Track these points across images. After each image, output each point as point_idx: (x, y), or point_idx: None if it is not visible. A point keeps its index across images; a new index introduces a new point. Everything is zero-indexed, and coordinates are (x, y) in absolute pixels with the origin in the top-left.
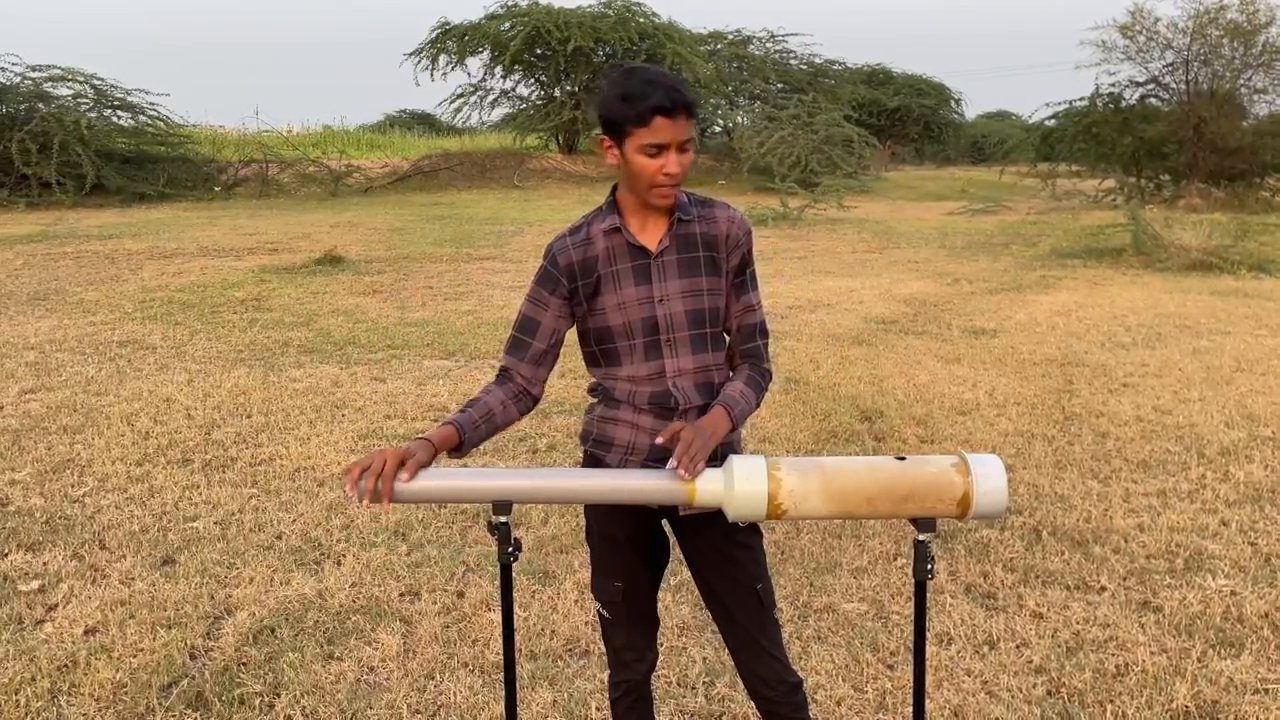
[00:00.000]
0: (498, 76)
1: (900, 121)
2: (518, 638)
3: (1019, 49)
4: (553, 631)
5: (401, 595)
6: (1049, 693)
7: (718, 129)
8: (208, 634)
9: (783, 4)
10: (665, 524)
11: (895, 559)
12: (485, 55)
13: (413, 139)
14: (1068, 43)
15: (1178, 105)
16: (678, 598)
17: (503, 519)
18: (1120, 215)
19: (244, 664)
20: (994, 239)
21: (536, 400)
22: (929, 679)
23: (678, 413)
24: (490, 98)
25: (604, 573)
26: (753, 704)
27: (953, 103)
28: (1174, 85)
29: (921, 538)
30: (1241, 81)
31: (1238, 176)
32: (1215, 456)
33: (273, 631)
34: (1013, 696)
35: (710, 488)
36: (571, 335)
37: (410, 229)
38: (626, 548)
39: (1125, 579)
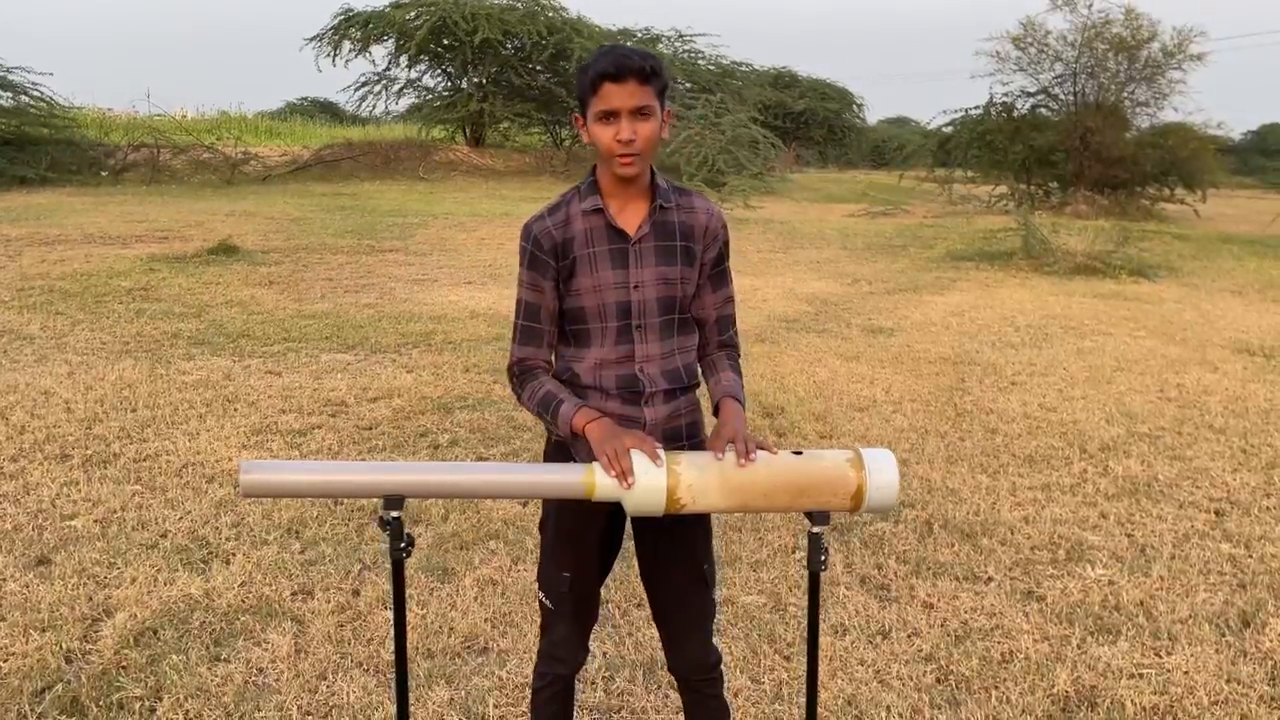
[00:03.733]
0: (403, 66)
1: (805, 124)
2: (415, 636)
3: (919, 57)
4: (451, 629)
5: (294, 594)
6: (938, 680)
7: None
8: (85, 637)
9: (691, 3)
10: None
11: (794, 552)
12: (390, 44)
13: (314, 127)
14: (966, 52)
15: (1066, 116)
16: None
17: (394, 514)
18: (1012, 220)
19: (124, 667)
20: (893, 241)
21: None
22: (823, 669)
23: (644, 397)
24: (396, 87)
25: (555, 563)
26: (651, 696)
27: (855, 107)
28: (1063, 96)
29: (815, 530)
30: (1125, 94)
31: (1120, 185)
32: (1096, 452)
33: (155, 633)
34: (903, 685)
35: (609, 482)
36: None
37: (310, 219)
38: (585, 539)
39: (1011, 569)
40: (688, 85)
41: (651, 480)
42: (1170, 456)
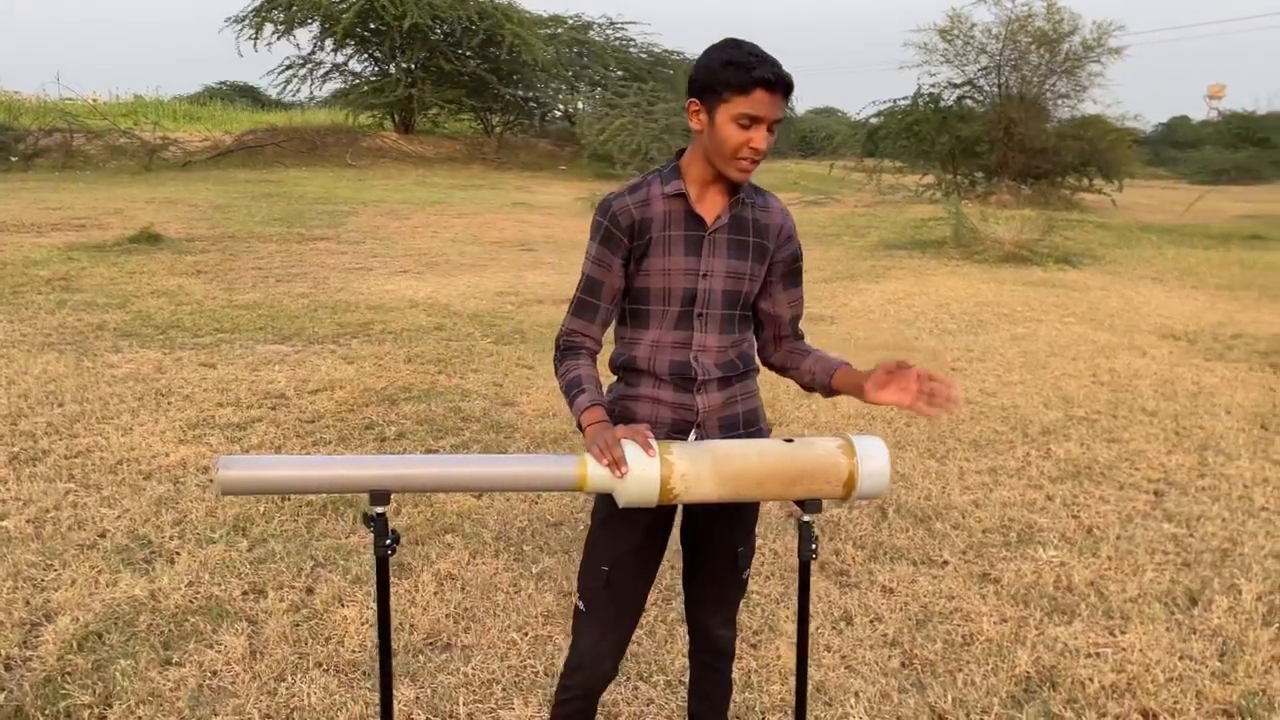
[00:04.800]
0: (328, 50)
1: None
2: (374, 633)
3: (846, 49)
4: (412, 626)
5: (245, 594)
6: (903, 664)
7: (558, 114)
8: (25, 642)
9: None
10: None
11: (761, 538)
12: (315, 27)
13: (235, 112)
14: (892, 45)
15: (990, 107)
16: (540, 585)
17: (380, 510)
18: (941, 209)
19: (69, 673)
20: (826, 230)
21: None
22: (790, 656)
23: (695, 384)
24: (321, 72)
25: (594, 555)
26: (621, 690)
27: None
28: (987, 88)
29: (806, 518)
30: (1047, 86)
31: (1042, 175)
32: (1037, 435)
33: (100, 637)
34: (870, 669)
35: (601, 473)
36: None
37: (235, 207)
38: (630, 529)
39: (965, 553)
40: (620, 73)
41: (644, 471)
42: (1108, 439)
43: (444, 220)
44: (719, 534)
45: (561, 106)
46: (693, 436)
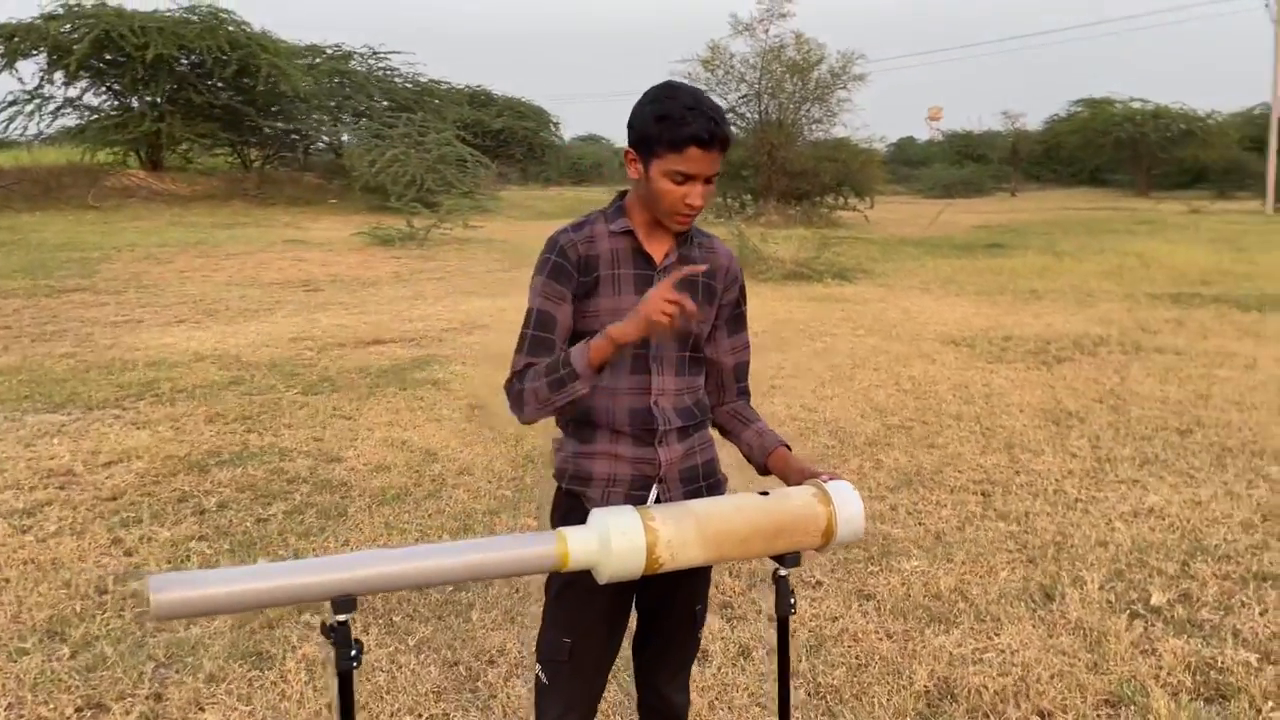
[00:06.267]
0: (59, 83)
1: (505, 142)
2: None
3: (607, 78)
4: None
5: (79, 710)
6: (809, 694)
7: (322, 145)
8: None
9: (382, 20)
10: None
11: None
12: (42, 58)
13: None
14: (651, 73)
15: (752, 133)
16: (421, 658)
17: (343, 618)
18: (726, 231)
19: None
20: None
21: None
22: (699, 700)
23: (657, 435)
24: (51, 107)
25: (555, 626)
26: None
27: (552, 125)
28: (749, 114)
29: (783, 573)
30: (802, 112)
31: (804, 196)
32: (864, 447)
33: None
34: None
35: (583, 548)
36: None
37: None
38: (592, 599)
39: (834, 571)
40: (385, 103)
41: (629, 541)
42: (926, 446)
43: (213, 262)
44: (681, 594)
45: (326, 138)
46: (653, 493)
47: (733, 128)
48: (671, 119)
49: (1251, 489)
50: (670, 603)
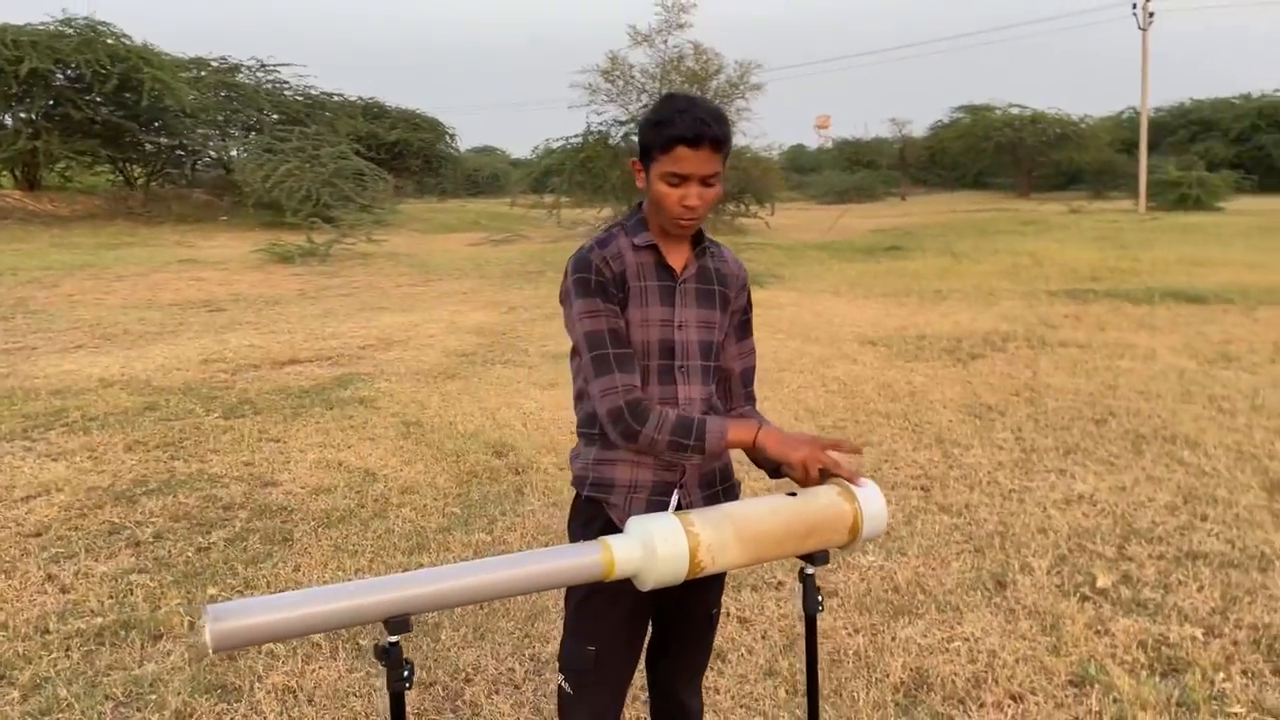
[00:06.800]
0: None
1: (400, 155)
2: None
3: (501, 89)
4: None
5: None
6: (788, 693)
7: (210, 160)
8: None
9: (273, 34)
10: None
11: None
12: None
13: None
14: (549, 84)
15: None
16: None
17: (395, 639)
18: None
19: None
20: (526, 267)
21: None
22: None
23: None
24: None
25: (578, 635)
26: None
27: (448, 137)
28: None
29: (809, 571)
30: None
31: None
32: None
33: None
34: (765, 704)
35: (629, 555)
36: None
37: None
38: (615, 606)
39: (793, 571)
40: (276, 117)
41: (672, 549)
42: (862, 443)
43: (103, 285)
44: (698, 598)
45: (214, 153)
46: (674, 498)
47: (635, 137)
48: (661, 122)
49: (1170, 473)
50: (688, 607)
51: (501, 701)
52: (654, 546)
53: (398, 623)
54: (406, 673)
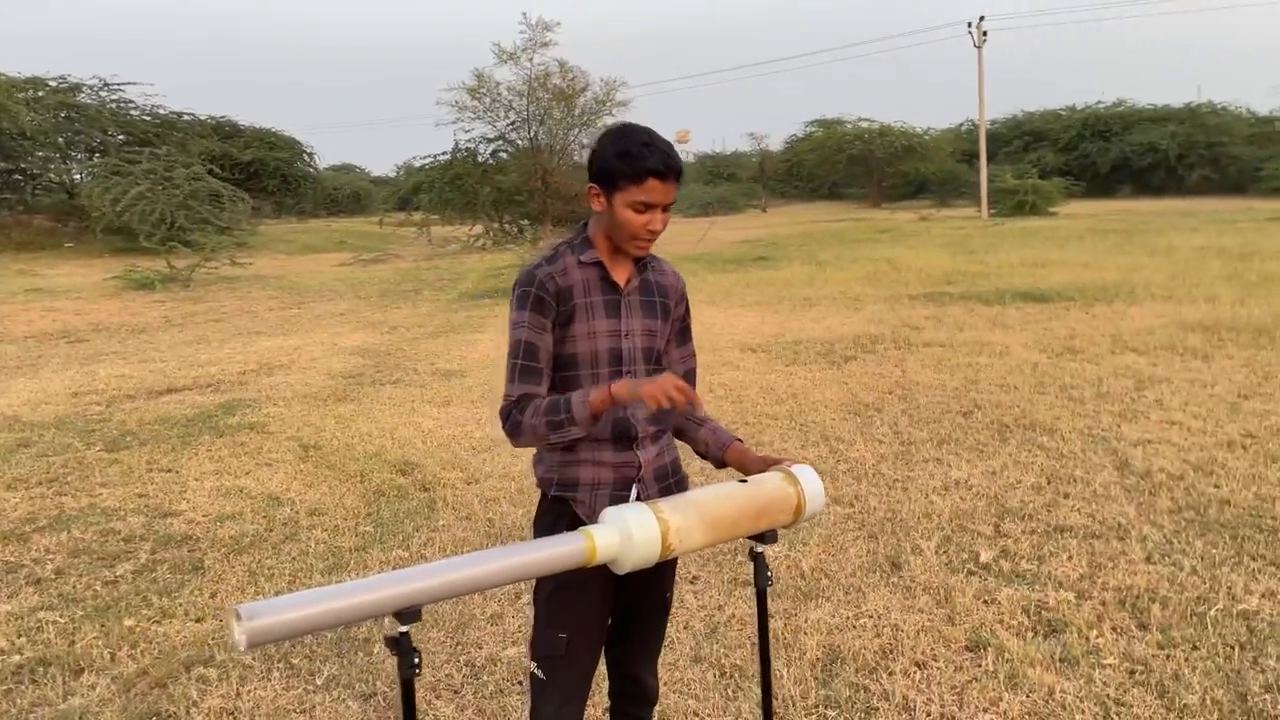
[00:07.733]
0: None
1: (256, 174)
2: None
3: (358, 107)
4: None
5: None
6: (718, 676)
7: (50, 183)
8: None
9: (110, 54)
10: None
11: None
12: None
13: None
14: (410, 101)
15: (524, 158)
16: (335, 695)
17: (405, 628)
18: (514, 258)
19: None
20: (401, 286)
21: None
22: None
23: (635, 441)
24: None
25: (551, 624)
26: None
27: (305, 156)
28: (520, 141)
29: (759, 549)
30: (571, 138)
31: (579, 218)
32: None
33: None
34: (697, 686)
35: (608, 542)
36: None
37: None
38: (585, 593)
39: (706, 565)
40: (122, 138)
41: (648, 532)
42: (754, 444)
43: None
44: (654, 583)
45: (55, 177)
46: (634, 492)
47: (503, 154)
48: (630, 155)
49: (1033, 457)
50: (645, 592)
51: (443, 706)
52: (630, 533)
53: (409, 614)
54: (416, 660)
